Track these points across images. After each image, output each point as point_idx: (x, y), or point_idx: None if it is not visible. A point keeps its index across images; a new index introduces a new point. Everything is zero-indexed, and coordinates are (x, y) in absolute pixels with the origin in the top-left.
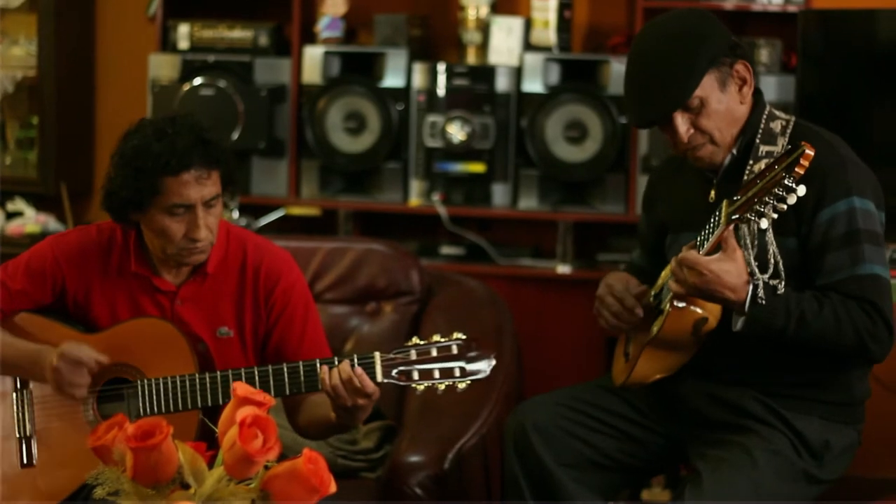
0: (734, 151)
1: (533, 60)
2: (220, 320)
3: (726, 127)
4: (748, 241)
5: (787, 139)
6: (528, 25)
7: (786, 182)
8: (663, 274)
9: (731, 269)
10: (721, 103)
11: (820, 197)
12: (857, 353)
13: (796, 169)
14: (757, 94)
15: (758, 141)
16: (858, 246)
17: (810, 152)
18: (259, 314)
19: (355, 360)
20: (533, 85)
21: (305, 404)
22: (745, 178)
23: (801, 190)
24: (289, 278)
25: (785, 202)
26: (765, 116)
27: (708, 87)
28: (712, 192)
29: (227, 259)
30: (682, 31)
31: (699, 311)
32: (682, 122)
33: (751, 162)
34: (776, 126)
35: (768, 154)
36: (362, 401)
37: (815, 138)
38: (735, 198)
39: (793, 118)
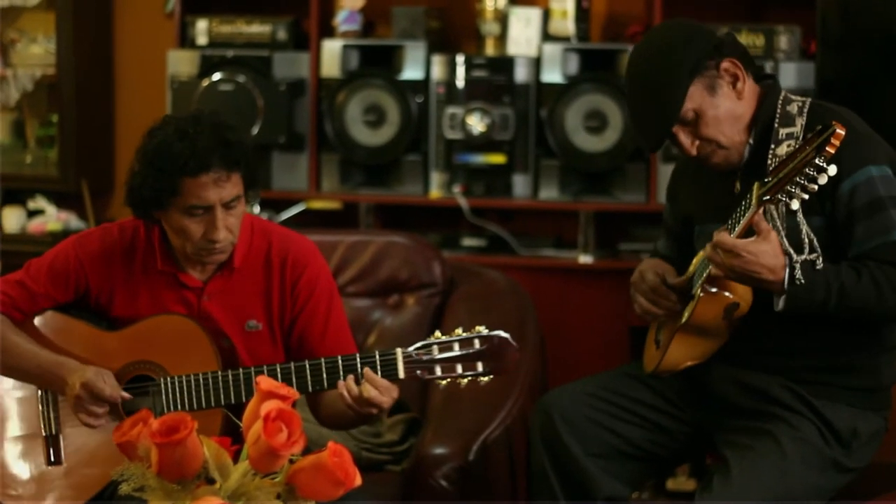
0: (751, 142)
1: (551, 51)
2: (248, 314)
3: (730, 128)
4: (778, 224)
5: (804, 119)
6: (547, 16)
7: (816, 162)
8: (694, 261)
9: (768, 249)
10: (717, 108)
11: (838, 171)
12: None
13: (827, 148)
14: (770, 79)
15: (776, 125)
16: (885, 213)
17: (841, 132)
18: (285, 303)
19: (377, 359)
20: (552, 75)
21: (327, 398)
22: (770, 160)
23: (833, 170)
24: (314, 267)
25: (816, 182)
26: (780, 100)
27: (697, 96)
28: (737, 184)
29: (252, 251)
30: (659, 49)
31: (730, 295)
32: (684, 137)
33: (772, 146)
34: (793, 108)
35: (788, 136)
36: (387, 400)
37: (831, 115)
38: (766, 180)
39: (808, 99)
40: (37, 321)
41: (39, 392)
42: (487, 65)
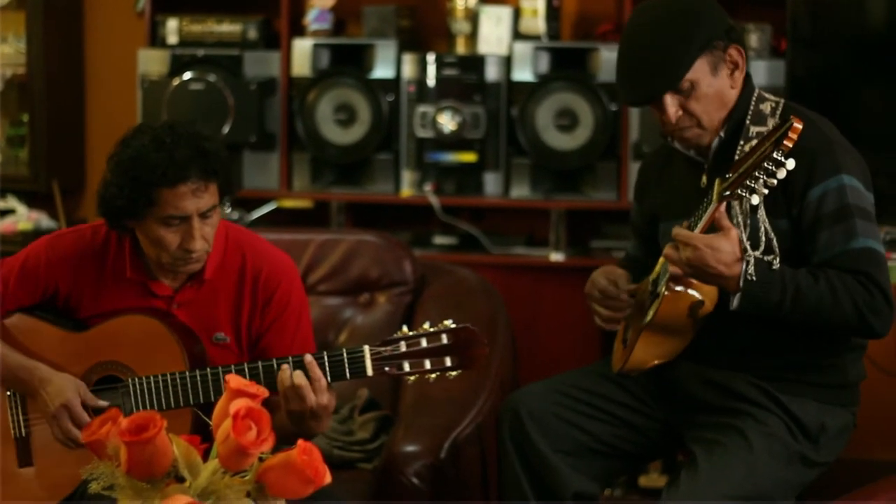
0: (721, 134)
1: (522, 49)
2: (216, 326)
3: (715, 111)
4: (740, 220)
5: (777, 119)
6: (517, 14)
7: (774, 156)
8: (660, 261)
9: (727, 246)
10: (711, 87)
11: (809, 176)
12: (857, 327)
13: (784, 142)
14: (746, 77)
15: (748, 122)
16: (850, 221)
17: (798, 126)
18: (254, 319)
19: (345, 356)
20: (523, 73)
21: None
22: (737, 157)
23: (791, 164)
24: (288, 286)
25: (775, 177)
26: (754, 98)
27: (700, 70)
28: (703, 178)
29: (225, 263)
30: (678, 12)
31: (695, 294)
32: (671, 104)
33: (741, 143)
34: (766, 108)
35: (758, 135)
36: (298, 406)
37: (803, 118)
38: (727, 175)
39: (782, 100)
40: (2, 324)
41: (8, 394)
42: (458, 63)
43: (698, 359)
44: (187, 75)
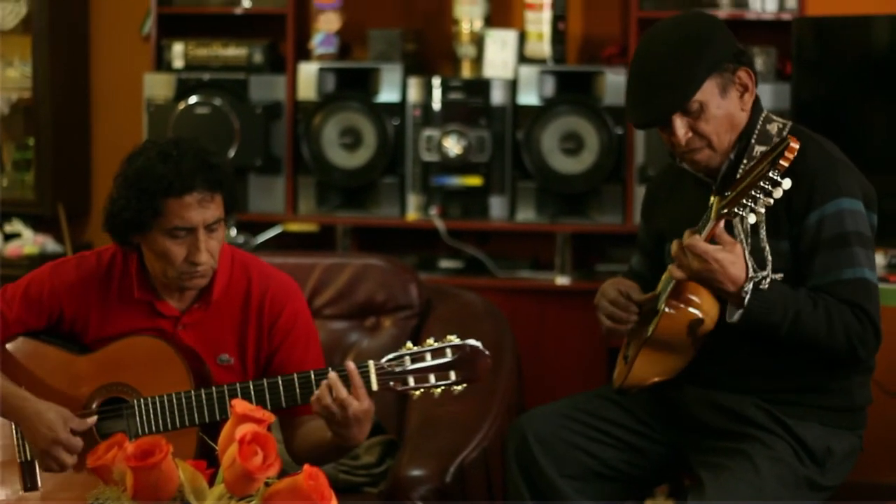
0: (731, 157)
1: (528, 73)
2: (221, 347)
3: (724, 132)
4: (741, 238)
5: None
6: (523, 38)
7: (770, 175)
8: (663, 278)
9: (736, 260)
10: (720, 109)
11: (809, 199)
12: (844, 355)
13: (780, 162)
14: (755, 99)
15: (753, 141)
16: (848, 249)
17: (795, 146)
18: (261, 342)
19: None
20: (528, 97)
21: (302, 430)
22: (738, 176)
23: (787, 183)
24: (293, 307)
25: (772, 196)
26: (762, 119)
27: (708, 92)
28: (712, 198)
29: (231, 285)
30: (687, 34)
31: (695, 311)
32: (680, 125)
33: (745, 161)
34: (773, 128)
35: (761, 154)
36: (357, 404)
37: (806, 139)
38: (726, 193)
39: (790, 122)
40: (8, 346)
41: None
42: (464, 87)
43: (703, 382)
44: (193, 99)
